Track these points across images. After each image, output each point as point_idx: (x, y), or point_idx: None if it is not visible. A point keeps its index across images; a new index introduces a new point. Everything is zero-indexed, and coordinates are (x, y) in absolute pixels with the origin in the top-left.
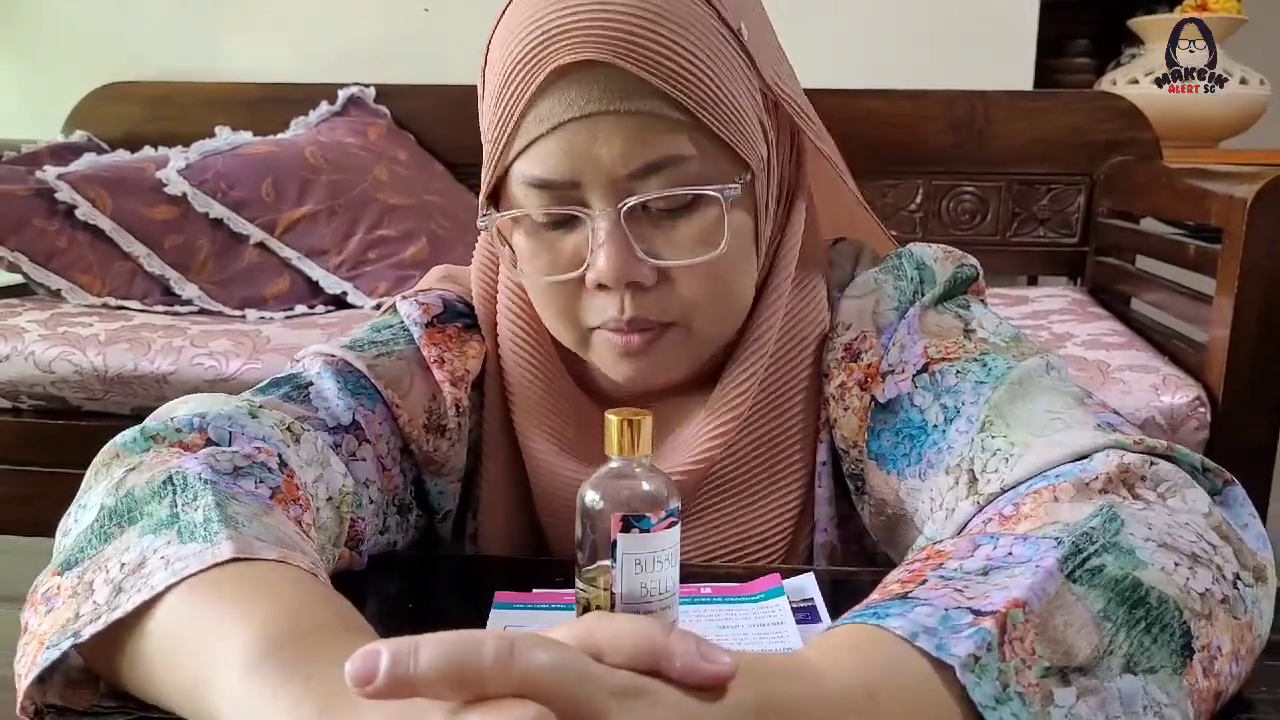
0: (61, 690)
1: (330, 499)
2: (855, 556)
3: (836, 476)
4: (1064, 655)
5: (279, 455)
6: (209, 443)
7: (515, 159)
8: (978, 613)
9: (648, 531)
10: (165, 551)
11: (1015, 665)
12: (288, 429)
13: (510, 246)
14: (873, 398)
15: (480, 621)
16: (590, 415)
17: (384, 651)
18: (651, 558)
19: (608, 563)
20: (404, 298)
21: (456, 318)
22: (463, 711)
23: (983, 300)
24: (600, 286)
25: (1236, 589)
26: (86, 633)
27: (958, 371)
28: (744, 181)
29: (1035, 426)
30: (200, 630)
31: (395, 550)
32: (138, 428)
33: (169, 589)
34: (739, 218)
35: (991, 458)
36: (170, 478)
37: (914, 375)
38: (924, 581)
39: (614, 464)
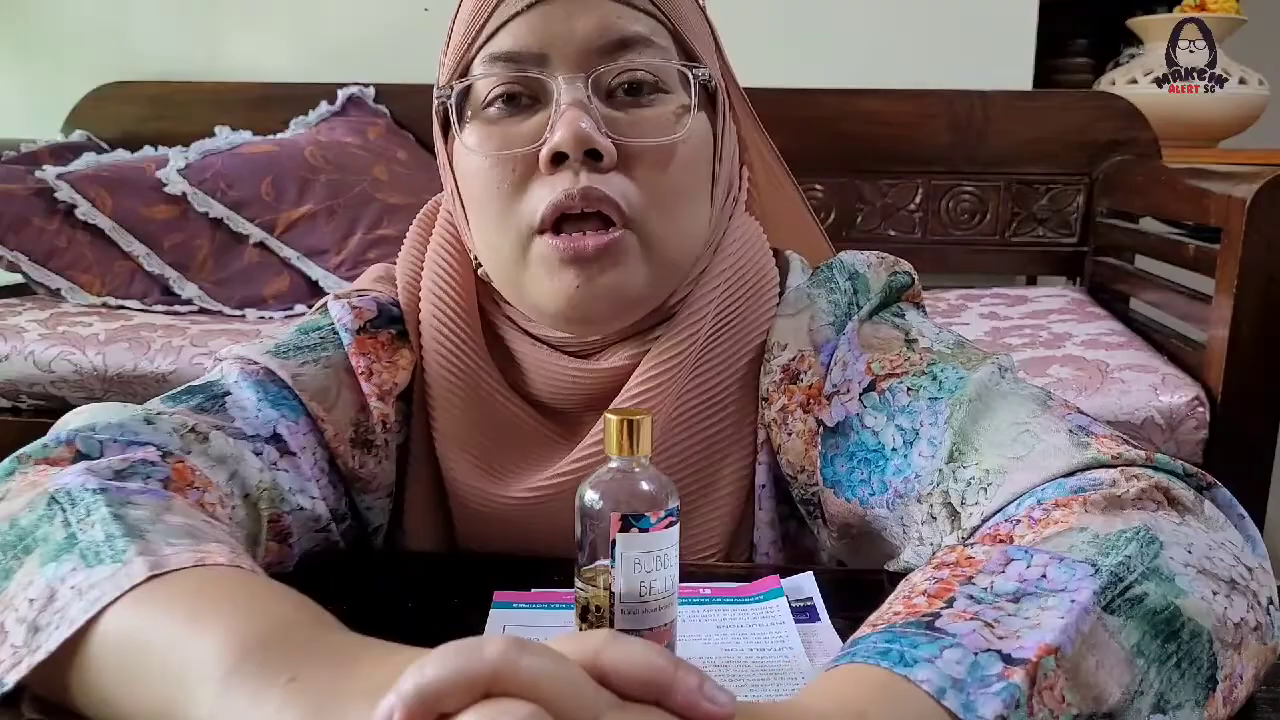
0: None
1: (247, 495)
2: None
3: (780, 499)
4: (1094, 701)
5: (160, 450)
6: (78, 456)
7: (484, 44)
8: (1008, 659)
9: (647, 531)
10: (74, 580)
11: (1043, 718)
12: (191, 429)
13: (456, 152)
14: (820, 422)
15: (480, 620)
16: (517, 424)
17: (399, 683)
18: (651, 557)
19: (607, 562)
20: (337, 297)
21: (390, 323)
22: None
23: (920, 306)
24: (555, 161)
25: (1270, 615)
26: (10, 680)
27: (909, 389)
28: (707, 81)
29: (1004, 445)
30: (155, 650)
31: (372, 548)
32: (14, 455)
33: (92, 620)
34: (700, 122)
35: (967, 489)
36: (53, 497)
37: (860, 394)
38: (952, 601)
39: (613, 463)
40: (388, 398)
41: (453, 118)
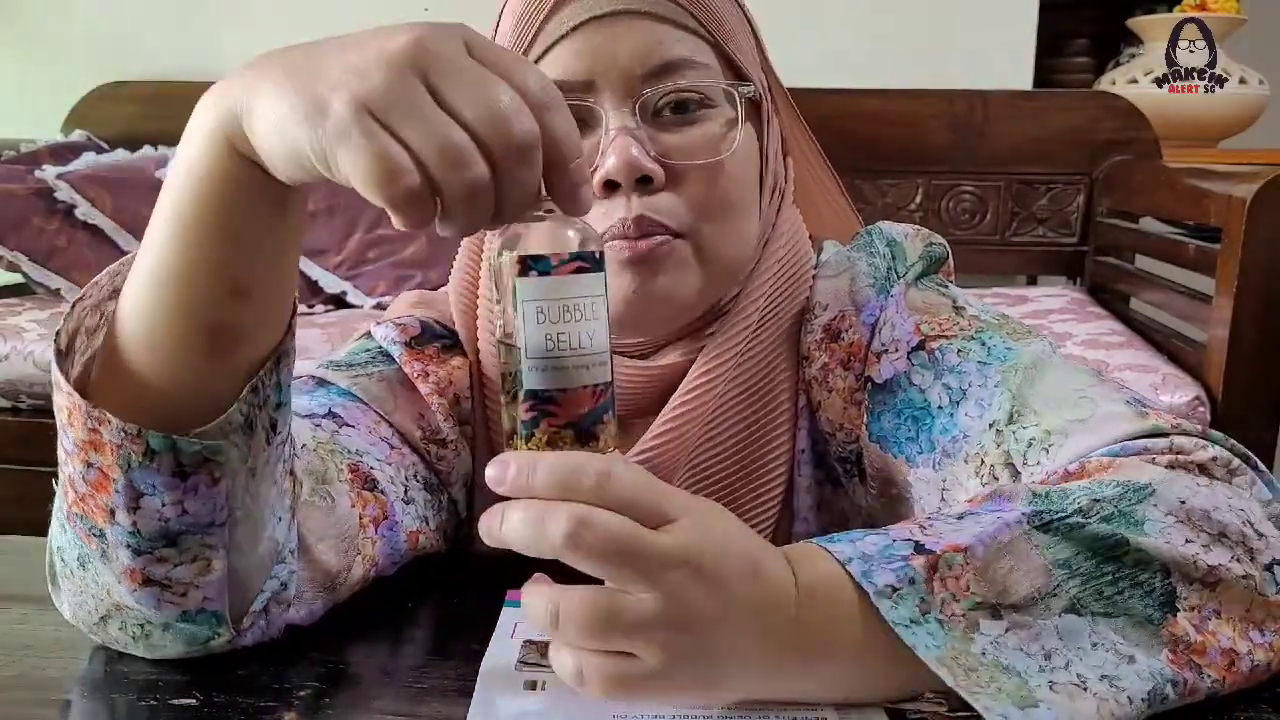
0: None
1: (304, 445)
2: None
3: (816, 462)
4: (999, 594)
5: None
6: None
7: None
8: (919, 548)
9: (548, 274)
10: None
11: (943, 598)
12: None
13: None
14: (869, 379)
15: (493, 620)
16: None
17: (512, 464)
18: (556, 305)
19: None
20: (378, 323)
21: (435, 339)
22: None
23: (952, 281)
24: (608, 187)
25: (1271, 573)
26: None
27: (958, 350)
28: (754, 96)
29: (1065, 407)
30: None
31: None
32: None
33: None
34: (747, 134)
35: (1029, 448)
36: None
37: (909, 353)
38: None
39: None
40: (447, 393)
41: None
